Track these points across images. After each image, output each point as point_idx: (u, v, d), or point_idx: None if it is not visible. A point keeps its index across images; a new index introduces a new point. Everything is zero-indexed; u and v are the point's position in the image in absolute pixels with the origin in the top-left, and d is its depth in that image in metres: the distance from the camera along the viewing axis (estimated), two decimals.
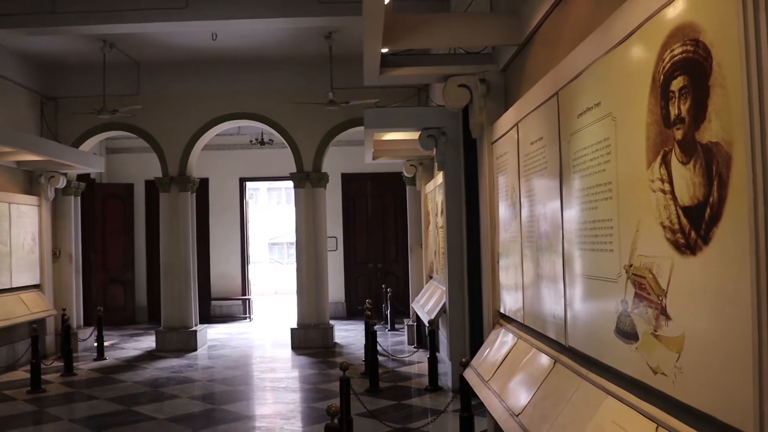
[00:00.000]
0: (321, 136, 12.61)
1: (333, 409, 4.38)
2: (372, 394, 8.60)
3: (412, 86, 12.17)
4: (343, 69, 11.53)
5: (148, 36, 10.85)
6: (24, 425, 7.90)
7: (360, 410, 6.77)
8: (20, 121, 11.79)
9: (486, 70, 6.78)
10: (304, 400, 8.88)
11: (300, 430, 7.47)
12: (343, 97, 11.09)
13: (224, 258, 17.42)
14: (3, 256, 11.00)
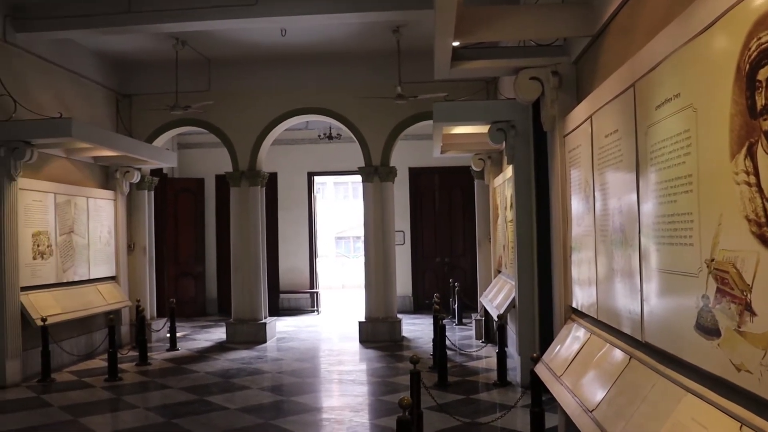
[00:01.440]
0: (389, 130, 12.63)
1: (405, 402, 4.38)
2: (441, 388, 8.59)
3: (480, 79, 12.08)
4: (411, 63, 11.52)
5: (218, 33, 11.04)
6: (103, 412, 8.15)
7: (429, 404, 6.77)
8: (97, 117, 12.14)
9: (558, 62, 6.70)
10: (372, 393, 8.92)
11: (368, 422, 7.50)
12: (411, 90, 11.08)
13: (292, 252, 17.62)
14: (81, 248, 11.35)
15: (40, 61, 10.55)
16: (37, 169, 10.21)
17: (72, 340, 10.90)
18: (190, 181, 17.20)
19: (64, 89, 11.18)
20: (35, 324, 9.59)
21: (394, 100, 11.04)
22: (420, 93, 10.97)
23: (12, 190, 9.45)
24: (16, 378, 9.42)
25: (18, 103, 9.60)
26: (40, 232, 10.23)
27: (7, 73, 9.64)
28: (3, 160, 9.27)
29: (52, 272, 10.52)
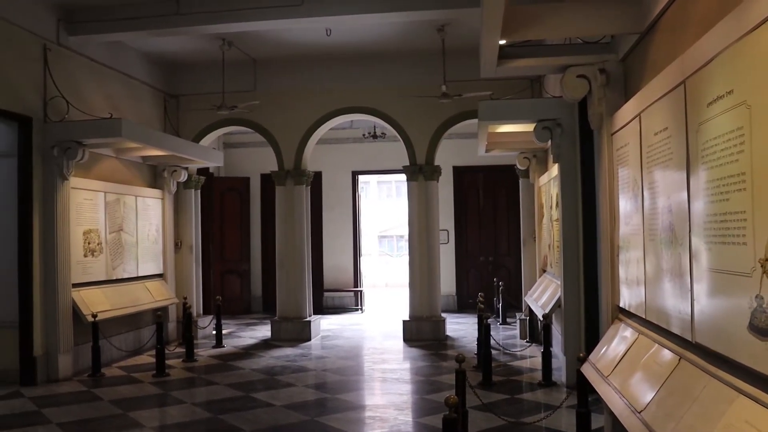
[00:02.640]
0: (434, 129, 12.62)
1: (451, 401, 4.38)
2: (485, 388, 8.56)
3: (525, 78, 12.00)
4: (456, 61, 11.49)
5: (264, 33, 11.14)
6: (150, 406, 8.28)
7: (474, 403, 6.75)
8: (146, 118, 12.34)
9: (605, 59, 6.64)
10: (416, 392, 8.92)
11: (412, 420, 7.50)
12: (455, 89, 11.06)
13: (337, 250, 17.71)
14: (130, 246, 11.56)
15: (92, 63, 10.76)
16: (88, 168, 10.43)
17: (121, 336, 11.10)
18: (236, 180, 17.38)
19: (114, 90, 11.39)
20: (86, 320, 9.79)
21: (438, 98, 11.03)
22: (465, 91, 10.94)
23: (64, 189, 9.67)
24: (68, 372, 9.64)
25: (70, 105, 9.81)
26: (91, 230, 10.44)
27: (61, 75, 9.85)
28: (56, 160, 9.49)
29: (102, 269, 10.73)
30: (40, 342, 9.40)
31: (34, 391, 8.92)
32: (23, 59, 9.24)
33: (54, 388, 9.07)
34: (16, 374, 9.25)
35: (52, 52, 9.70)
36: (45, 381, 9.34)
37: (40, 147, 9.47)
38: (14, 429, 7.19)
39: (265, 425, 7.21)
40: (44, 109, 9.55)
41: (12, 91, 8.86)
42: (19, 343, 9.29)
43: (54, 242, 9.50)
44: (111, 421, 7.47)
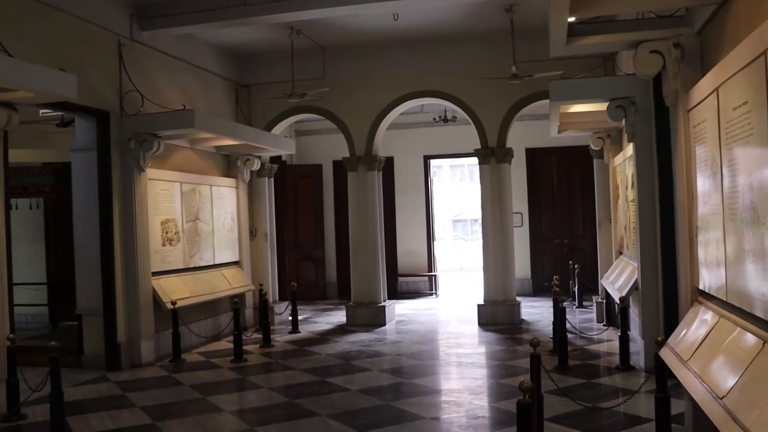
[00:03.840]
0: (505, 110, 12.45)
1: (526, 386, 4.33)
2: (561, 372, 8.44)
3: (597, 55, 11.73)
4: (525, 41, 11.30)
5: (332, 20, 11.15)
6: (230, 391, 8.47)
7: (549, 387, 6.67)
8: (218, 108, 12.55)
9: (680, 33, 6.42)
10: (491, 376, 8.87)
11: (488, 405, 7.46)
12: (526, 70, 10.88)
13: (410, 235, 17.71)
14: (206, 234, 11.80)
15: (164, 57, 10.99)
16: (164, 159, 10.67)
17: (200, 322, 11.36)
18: (308, 167, 17.53)
19: (186, 82, 11.62)
20: (166, 307, 10.05)
21: (509, 80, 10.87)
22: (535, 72, 10.76)
23: (141, 180, 9.92)
24: (150, 358, 9.93)
25: (145, 98, 10.04)
26: (168, 220, 10.70)
27: (135, 69, 10.09)
28: (133, 152, 9.74)
29: (180, 258, 10.99)
30: (123, 329, 9.70)
31: (119, 375, 9.23)
32: (99, 56, 9.50)
33: (137, 373, 9.36)
34: (102, 359, 9.59)
35: (126, 48, 9.94)
36: (129, 366, 9.66)
37: (118, 140, 9.74)
38: (101, 411, 7.47)
39: (341, 410, 7.27)
40: (120, 104, 9.80)
41: (90, 87, 9.11)
42: (104, 330, 9.61)
43: (133, 232, 9.78)
44: (191, 405, 7.65)
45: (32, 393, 7.13)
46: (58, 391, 6.67)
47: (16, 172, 11.09)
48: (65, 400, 6.83)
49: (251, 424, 6.92)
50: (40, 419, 7.14)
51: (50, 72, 7.08)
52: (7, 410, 7.26)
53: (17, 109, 7.34)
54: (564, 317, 9.03)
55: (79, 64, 8.82)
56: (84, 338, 9.77)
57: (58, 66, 7.79)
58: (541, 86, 11.25)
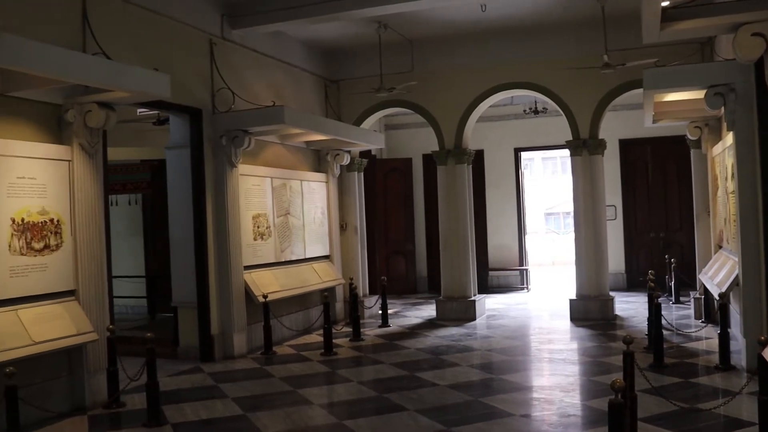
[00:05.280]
0: (597, 101, 12.14)
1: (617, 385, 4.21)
2: (656, 370, 8.18)
3: (694, 41, 11.29)
4: (617, 29, 10.99)
5: (419, 14, 11.11)
6: (319, 384, 8.57)
7: (643, 386, 6.47)
8: (307, 104, 12.70)
9: None
10: (583, 373, 8.67)
11: (580, 403, 7.29)
12: (618, 58, 10.56)
13: (501, 229, 17.52)
14: (297, 229, 11.96)
15: (254, 54, 11.18)
16: (255, 155, 10.86)
17: (290, 315, 11.53)
18: (397, 161, 17.55)
19: (276, 79, 11.79)
20: (257, 301, 10.24)
21: (600, 69, 10.57)
22: (628, 60, 10.44)
23: (233, 175, 10.13)
24: (243, 350, 10.14)
25: (236, 95, 10.24)
26: (260, 215, 10.89)
27: (226, 67, 10.30)
28: (224, 149, 9.95)
29: (271, 252, 11.17)
30: (216, 321, 9.94)
31: (212, 367, 9.46)
32: (192, 55, 9.74)
33: (230, 365, 9.58)
34: (196, 351, 9.85)
35: (217, 46, 10.16)
36: (222, 358, 9.89)
37: (210, 137, 9.96)
38: (195, 401, 7.68)
39: (430, 405, 7.25)
40: (212, 101, 10.03)
41: (183, 86, 9.35)
42: (198, 323, 9.86)
43: (226, 227, 9.99)
44: (282, 398, 7.77)
45: (130, 382, 7.39)
46: (154, 381, 6.91)
47: (115, 170, 11.53)
48: (161, 390, 7.08)
49: (340, 417, 6.97)
50: (138, 407, 7.39)
51: (145, 72, 7.30)
52: (107, 397, 7.56)
53: (115, 109, 7.60)
54: (659, 313, 8.74)
55: (172, 64, 9.06)
56: (179, 330, 10.06)
57: (153, 66, 8.02)
58: (634, 75, 10.92)
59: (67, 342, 7.02)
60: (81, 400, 7.41)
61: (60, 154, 7.34)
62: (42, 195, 7.09)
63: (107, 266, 7.95)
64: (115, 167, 11.56)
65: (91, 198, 7.61)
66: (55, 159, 7.29)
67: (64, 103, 7.38)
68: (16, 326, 6.58)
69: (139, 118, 12.53)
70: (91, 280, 7.56)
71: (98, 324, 7.51)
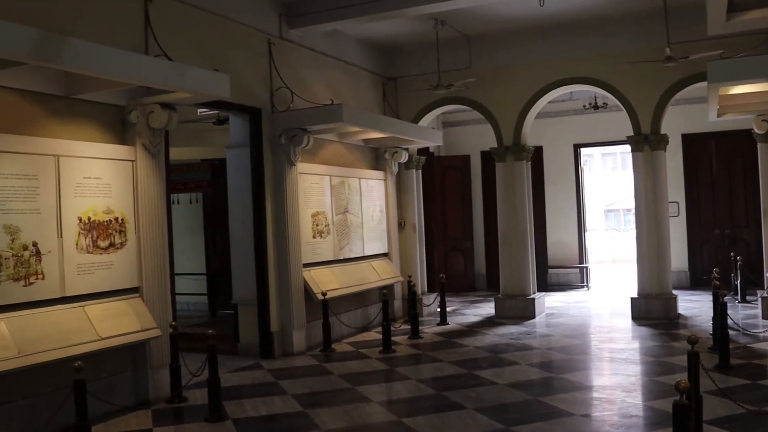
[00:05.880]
0: (659, 95, 11.89)
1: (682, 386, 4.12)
2: (722, 371, 7.97)
3: (760, 32, 10.94)
4: (680, 21, 10.73)
5: (477, 9, 11.02)
6: (378, 382, 8.60)
7: (709, 388, 6.31)
8: (365, 102, 12.74)
9: None
10: (645, 373, 8.50)
11: (642, 404, 7.16)
12: (681, 51, 10.31)
13: (560, 226, 17.32)
14: (356, 227, 12.01)
15: (312, 53, 11.26)
16: (313, 153, 10.94)
17: (349, 313, 11.58)
18: (455, 158, 17.48)
19: (334, 77, 11.85)
20: (316, 298, 10.32)
21: (662, 63, 10.33)
22: (691, 53, 10.18)
23: (292, 174, 10.22)
24: (302, 347, 10.23)
25: (294, 94, 10.32)
26: (318, 213, 10.96)
27: (285, 66, 10.39)
28: (283, 147, 10.05)
29: (330, 250, 11.24)
30: (276, 319, 10.04)
31: (272, 363, 9.57)
32: (250, 55, 9.85)
33: (289, 362, 9.68)
34: (256, 348, 9.97)
35: (275, 46, 10.25)
36: (281, 354, 9.99)
37: (269, 136, 10.07)
38: (255, 397, 7.79)
39: (489, 403, 7.21)
40: (271, 100, 10.13)
41: (243, 85, 9.47)
42: (258, 320, 9.97)
43: (285, 225, 10.09)
44: (340, 395, 7.82)
45: (192, 377, 7.52)
46: (215, 377, 7.02)
47: (176, 169, 11.72)
48: (222, 385, 7.18)
49: (399, 415, 6.99)
50: (200, 402, 7.52)
51: (205, 73, 7.41)
52: (170, 392, 7.71)
53: (176, 110, 7.73)
54: (725, 312, 8.52)
55: (232, 64, 9.19)
56: (239, 327, 10.19)
57: (213, 67, 8.14)
58: (698, 68, 10.66)
59: (131, 338, 7.19)
60: (145, 394, 7.57)
61: (124, 154, 7.51)
62: (107, 194, 7.26)
63: (169, 264, 8.10)
64: (177, 166, 11.74)
65: (153, 197, 7.76)
66: (120, 159, 7.46)
67: (128, 104, 7.54)
68: (83, 322, 6.76)
69: (199, 118, 12.73)
70: (155, 277, 7.71)
71: (161, 320, 7.66)
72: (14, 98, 6.53)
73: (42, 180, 6.62)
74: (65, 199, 6.81)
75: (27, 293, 6.40)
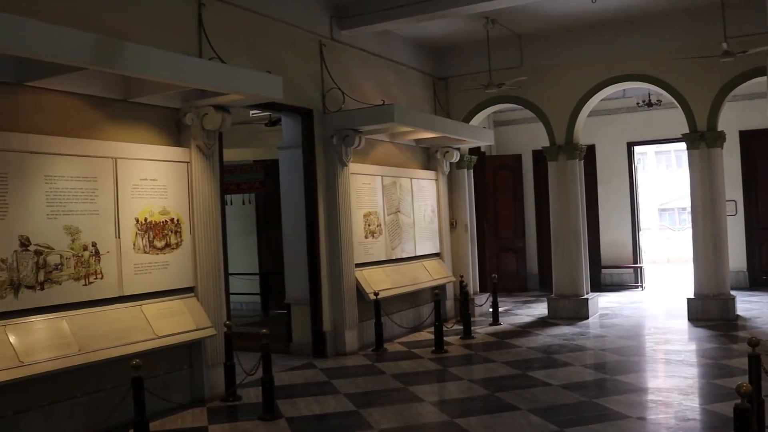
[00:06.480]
0: (715, 91, 11.63)
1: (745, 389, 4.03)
2: None
3: None
4: (737, 14, 10.51)
5: (528, 7, 10.93)
6: (430, 382, 8.60)
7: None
8: (416, 102, 12.73)
9: None
10: (703, 376, 8.33)
11: (699, 407, 7.02)
12: (738, 46, 10.08)
13: (613, 225, 17.09)
14: (407, 227, 12.01)
15: (363, 54, 11.29)
16: (365, 154, 10.98)
17: (401, 313, 11.59)
18: (507, 157, 17.37)
19: (384, 77, 11.87)
20: (368, 298, 10.35)
21: (719, 57, 10.12)
22: (750, 47, 9.94)
23: (344, 174, 10.27)
24: (354, 347, 10.27)
25: (345, 95, 10.37)
26: (370, 213, 11.00)
27: (336, 68, 10.45)
28: (335, 148, 10.11)
29: (382, 250, 11.27)
30: (328, 318, 10.10)
31: (324, 363, 9.63)
32: (302, 57, 9.92)
33: (341, 361, 9.72)
34: (308, 347, 10.05)
35: (326, 47, 10.31)
36: (334, 354, 10.04)
37: (321, 137, 10.13)
38: (308, 396, 7.85)
39: (542, 405, 7.15)
40: (323, 101, 10.19)
41: (295, 87, 9.54)
42: (310, 319, 10.05)
43: (337, 225, 10.14)
44: (393, 395, 7.84)
45: (246, 376, 7.61)
46: (269, 376, 7.09)
47: (230, 170, 11.87)
48: (275, 384, 7.24)
49: (451, 415, 6.97)
50: (253, 401, 7.60)
51: (258, 75, 7.49)
52: (224, 390, 7.82)
53: (230, 112, 7.84)
54: None
55: (284, 66, 9.26)
56: (292, 326, 10.30)
57: (265, 69, 8.22)
58: (756, 62, 10.44)
59: (187, 336, 7.30)
60: (200, 392, 7.69)
61: (179, 156, 7.63)
62: (163, 195, 7.39)
63: (224, 264, 8.21)
64: (230, 168, 11.90)
65: (208, 198, 7.87)
66: (175, 161, 7.58)
67: (183, 107, 7.66)
68: (140, 321, 6.90)
69: (251, 120, 12.88)
70: (209, 277, 7.82)
71: (216, 320, 7.76)
72: (75, 102, 6.69)
73: (101, 182, 6.77)
74: (122, 201, 6.96)
75: (87, 292, 6.55)
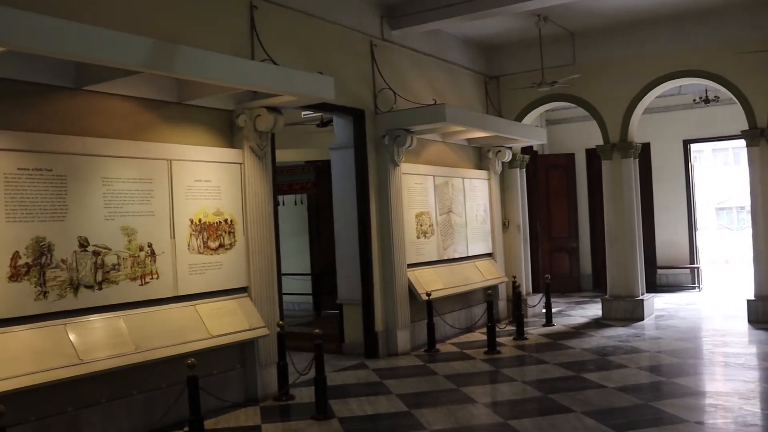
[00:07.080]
0: None
1: None
2: None
3: None
4: None
5: (580, 4, 10.79)
6: (482, 383, 8.56)
7: None
8: (467, 101, 12.67)
9: None
10: (765, 380, 8.11)
11: (761, 412, 6.83)
12: None
13: (669, 225, 16.76)
14: (459, 227, 11.96)
15: (413, 53, 11.28)
16: (417, 154, 10.96)
17: (453, 313, 11.55)
18: (560, 156, 17.18)
19: (435, 77, 11.84)
20: (421, 298, 10.33)
21: None
22: None
23: (396, 174, 10.27)
24: (406, 347, 10.26)
25: (397, 95, 10.37)
26: (422, 213, 10.98)
27: (387, 68, 10.46)
28: (387, 148, 10.12)
29: (434, 250, 11.24)
30: (380, 318, 10.11)
31: (376, 363, 9.64)
32: (353, 57, 9.95)
33: (393, 361, 9.72)
34: (360, 347, 10.07)
35: (377, 48, 10.32)
36: (386, 354, 10.05)
37: (373, 137, 10.15)
38: (360, 396, 7.87)
39: (597, 407, 7.04)
40: (374, 101, 10.20)
41: (347, 88, 9.58)
42: (362, 319, 10.07)
43: (389, 225, 10.14)
44: (445, 395, 7.80)
45: (299, 376, 7.66)
46: (321, 375, 7.14)
47: (282, 171, 11.98)
48: (328, 384, 7.28)
49: (504, 417, 6.91)
50: (306, 400, 7.64)
51: (310, 76, 7.54)
52: (277, 390, 7.88)
53: (282, 113, 7.90)
54: None
55: (335, 67, 9.29)
56: (344, 326, 10.33)
57: (316, 69, 8.26)
58: None
59: (240, 336, 7.38)
60: (253, 391, 7.76)
61: (232, 157, 7.72)
62: (216, 196, 7.48)
63: (277, 264, 8.27)
64: (282, 168, 12.00)
65: (261, 198, 7.94)
66: (228, 162, 7.66)
67: (236, 108, 7.75)
68: (195, 320, 6.99)
69: (303, 121, 12.97)
70: (262, 277, 7.89)
71: (269, 320, 7.83)
72: (131, 105, 6.82)
73: (156, 183, 6.88)
74: (177, 202, 7.07)
75: (143, 292, 6.67)
